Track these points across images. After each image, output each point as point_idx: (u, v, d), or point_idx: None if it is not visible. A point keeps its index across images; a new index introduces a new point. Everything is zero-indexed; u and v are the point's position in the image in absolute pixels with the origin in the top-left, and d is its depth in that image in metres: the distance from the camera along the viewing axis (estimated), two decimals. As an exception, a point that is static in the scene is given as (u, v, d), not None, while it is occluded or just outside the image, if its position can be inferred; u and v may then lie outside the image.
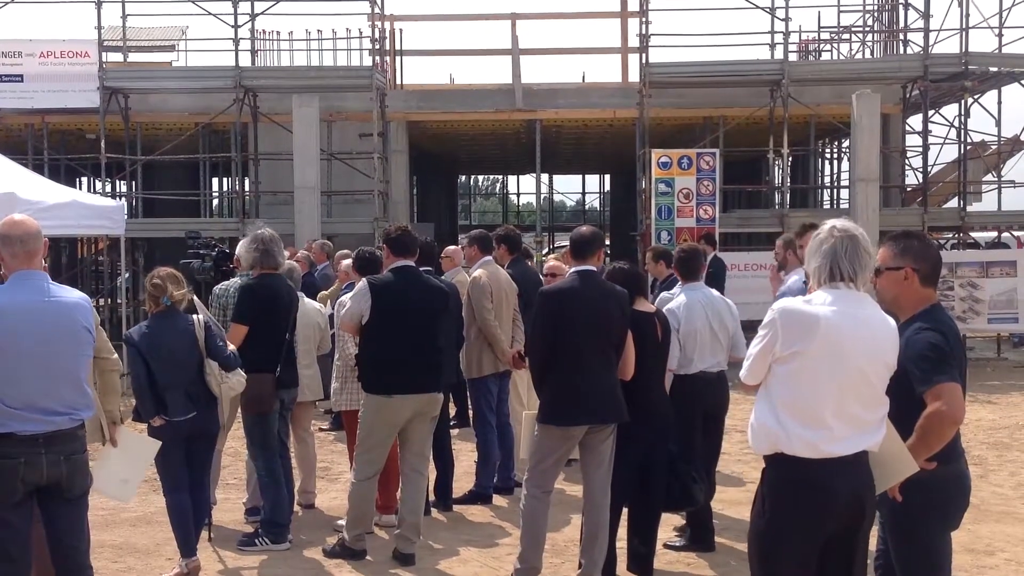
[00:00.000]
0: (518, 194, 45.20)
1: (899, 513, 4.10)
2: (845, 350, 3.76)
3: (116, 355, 5.50)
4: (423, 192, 29.24)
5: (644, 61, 18.02)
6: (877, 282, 4.18)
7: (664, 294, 7.51)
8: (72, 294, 4.73)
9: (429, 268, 7.53)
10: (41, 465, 4.43)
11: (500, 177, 46.62)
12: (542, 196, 25.09)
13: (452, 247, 9.54)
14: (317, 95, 17.43)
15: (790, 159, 20.05)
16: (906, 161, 19.78)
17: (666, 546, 6.84)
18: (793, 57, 20.09)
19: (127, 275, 17.13)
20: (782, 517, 3.82)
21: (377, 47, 19.15)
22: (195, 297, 6.53)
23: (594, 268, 6.08)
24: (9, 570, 4.47)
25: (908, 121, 20.04)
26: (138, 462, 5.90)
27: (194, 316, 6.27)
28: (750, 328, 5.43)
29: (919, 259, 4.16)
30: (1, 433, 4.38)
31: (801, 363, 3.78)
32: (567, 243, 6.50)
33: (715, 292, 7.17)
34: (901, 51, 20.52)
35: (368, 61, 19.38)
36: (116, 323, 17.39)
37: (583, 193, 43.17)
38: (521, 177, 40.55)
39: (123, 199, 19.18)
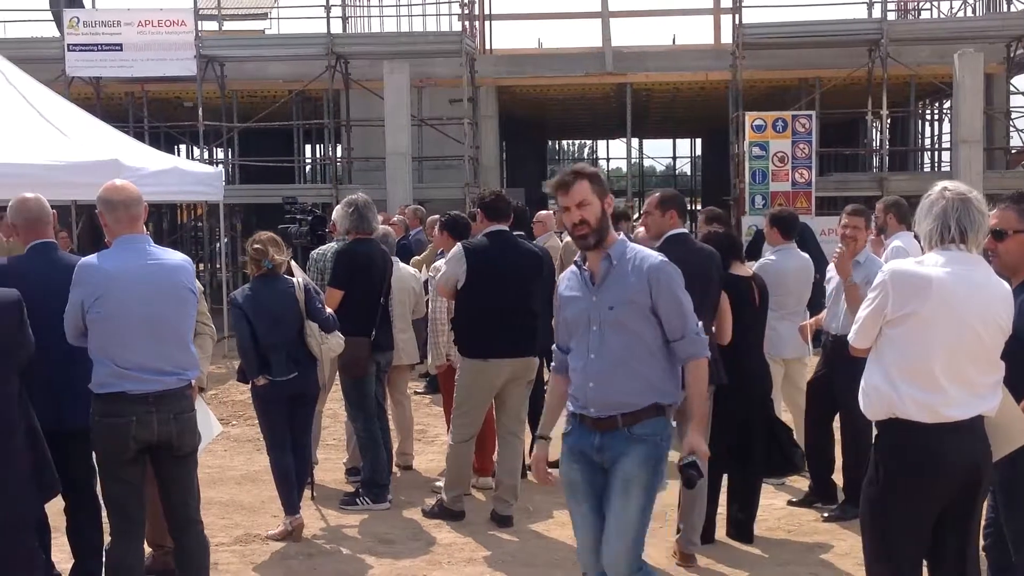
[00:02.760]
0: (608, 159, 44.70)
1: (1012, 481, 4.02)
2: (959, 312, 3.68)
3: (212, 325, 5.61)
4: (512, 157, 29.19)
5: (737, 22, 17.72)
6: (999, 246, 4.06)
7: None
8: (175, 256, 4.81)
9: (521, 233, 7.52)
10: (152, 423, 4.53)
11: (589, 142, 46.25)
12: (632, 161, 24.97)
13: (544, 212, 9.56)
14: (407, 61, 17.49)
15: (889, 121, 19.54)
16: (1010, 122, 19.18)
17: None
18: (892, 16, 19.53)
19: (226, 240, 17.49)
20: (896, 484, 3.76)
21: (466, 12, 19.13)
22: (292, 261, 6.63)
23: (686, 231, 6.06)
24: (126, 524, 4.63)
25: (1013, 81, 19.40)
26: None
27: (294, 279, 6.38)
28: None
29: None
30: (113, 392, 4.49)
31: (914, 325, 3.70)
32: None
33: None
34: (1005, 8, 19.83)
35: (457, 26, 19.38)
36: (216, 287, 17.83)
37: (674, 158, 42.58)
38: (611, 142, 40.17)
39: (220, 166, 19.53)
